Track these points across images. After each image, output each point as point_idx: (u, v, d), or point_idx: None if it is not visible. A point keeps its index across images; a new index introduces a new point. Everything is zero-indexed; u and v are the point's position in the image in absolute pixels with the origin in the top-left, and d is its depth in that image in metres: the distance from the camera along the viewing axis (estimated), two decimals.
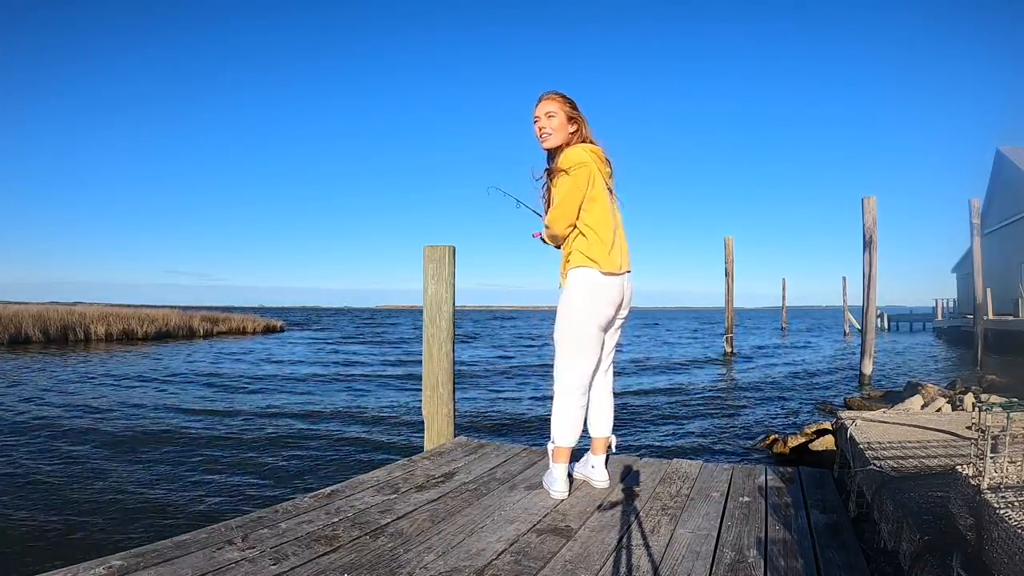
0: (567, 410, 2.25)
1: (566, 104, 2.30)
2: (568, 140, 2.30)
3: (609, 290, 2.20)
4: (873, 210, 9.69)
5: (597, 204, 2.20)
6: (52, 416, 7.25)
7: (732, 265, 15.71)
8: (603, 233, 2.20)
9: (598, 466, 2.40)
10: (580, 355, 2.23)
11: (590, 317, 2.20)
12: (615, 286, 2.22)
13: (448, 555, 1.69)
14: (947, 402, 5.78)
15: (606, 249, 2.19)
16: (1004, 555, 1.11)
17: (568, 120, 2.30)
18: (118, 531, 3.58)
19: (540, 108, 2.30)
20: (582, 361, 2.24)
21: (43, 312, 19.86)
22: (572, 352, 2.24)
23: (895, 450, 2.26)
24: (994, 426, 1.35)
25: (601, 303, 2.20)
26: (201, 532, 1.80)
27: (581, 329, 2.21)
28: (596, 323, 2.22)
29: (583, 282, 2.20)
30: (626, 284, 2.28)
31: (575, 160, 2.18)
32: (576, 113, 2.31)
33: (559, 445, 2.27)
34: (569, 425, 2.25)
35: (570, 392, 2.25)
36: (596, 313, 2.20)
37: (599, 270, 2.18)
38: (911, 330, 32.89)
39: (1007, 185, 22.21)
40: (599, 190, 2.21)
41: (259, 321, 29.58)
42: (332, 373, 12.75)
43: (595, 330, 2.23)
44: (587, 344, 2.23)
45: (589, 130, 2.34)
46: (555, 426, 2.28)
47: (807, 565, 1.63)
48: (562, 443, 2.26)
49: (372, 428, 6.82)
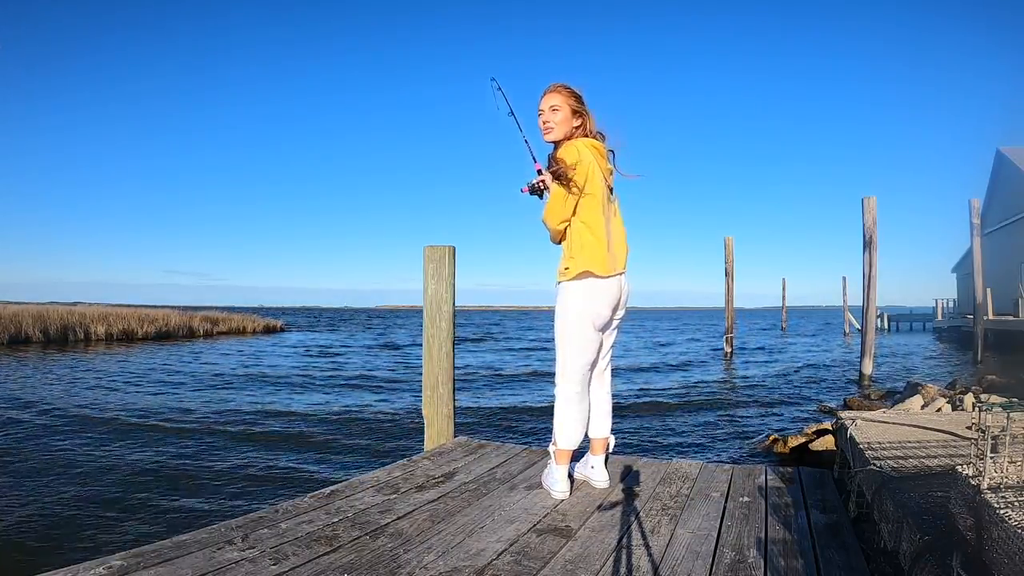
0: (568, 412, 2.25)
1: (571, 97, 2.25)
2: (571, 135, 2.25)
3: (606, 291, 2.20)
4: (873, 210, 9.70)
5: (594, 201, 2.18)
6: (52, 416, 7.25)
7: (732, 265, 15.70)
8: (598, 232, 2.18)
9: (598, 466, 2.40)
10: (579, 356, 2.23)
11: (588, 319, 2.20)
12: (612, 287, 2.21)
13: (448, 555, 1.69)
14: (947, 402, 5.78)
15: (603, 248, 2.18)
16: (1004, 555, 1.11)
17: (572, 114, 2.25)
18: (118, 531, 3.58)
19: (545, 101, 2.24)
20: (581, 362, 2.24)
21: (43, 312, 19.87)
22: (572, 354, 2.23)
23: (895, 450, 2.26)
24: (994, 426, 1.35)
25: (598, 304, 2.19)
26: (201, 532, 1.80)
27: (579, 331, 2.21)
28: (594, 324, 2.21)
29: (580, 284, 2.19)
30: (623, 284, 2.27)
31: (573, 157, 2.15)
32: (581, 107, 2.26)
33: (561, 447, 2.26)
34: (571, 427, 2.25)
35: (570, 394, 2.25)
36: (594, 314, 2.20)
37: (595, 273, 2.17)
38: (911, 330, 32.88)
39: (1007, 185, 22.21)
40: (596, 187, 2.18)
41: (259, 321, 29.58)
42: (332, 373, 12.75)
43: (593, 332, 2.22)
44: (586, 346, 2.22)
45: (595, 124, 2.30)
46: (557, 428, 2.27)
47: (807, 565, 1.63)
48: (564, 445, 2.26)
49: (372, 428, 6.82)
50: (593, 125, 2.30)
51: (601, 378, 2.42)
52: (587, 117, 2.28)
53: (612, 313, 2.27)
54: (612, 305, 2.24)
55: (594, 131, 2.30)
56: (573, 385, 2.25)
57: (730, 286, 15.78)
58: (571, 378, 2.24)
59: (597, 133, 2.31)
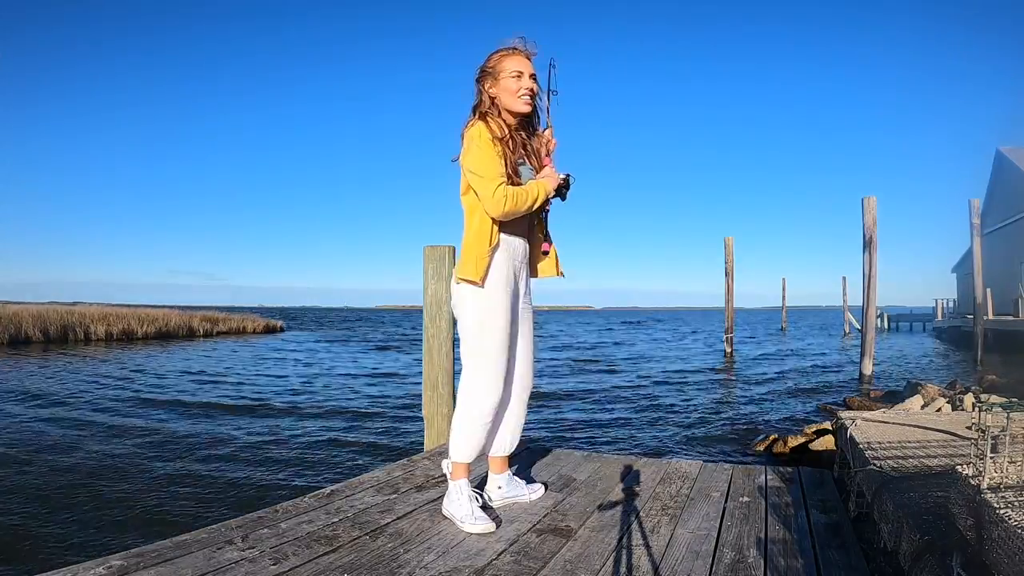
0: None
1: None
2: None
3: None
4: (873, 210, 9.70)
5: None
6: (51, 416, 7.25)
7: (732, 265, 15.71)
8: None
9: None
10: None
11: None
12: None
13: (448, 555, 1.69)
14: (947, 402, 5.78)
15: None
16: (1004, 555, 1.11)
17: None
18: (118, 531, 3.58)
19: (529, 65, 2.00)
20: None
21: (43, 312, 19.88)
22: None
23: (895, 450, 2.26)
24: (994, 426, 1.35)
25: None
26: (201, 532, 1.80)
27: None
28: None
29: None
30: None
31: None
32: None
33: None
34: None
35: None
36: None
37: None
38: (911, 330, 32.88)
39: (1007, 185, 22.21)
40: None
41: (259, 321, 29.59)
42: (331, 373, 12.75)
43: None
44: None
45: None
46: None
47: (807, 565, 1.63)
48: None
49: (372, 428, 6.82)
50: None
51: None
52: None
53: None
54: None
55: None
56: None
57: (730, 286, 15.78)
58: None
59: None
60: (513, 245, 2.01)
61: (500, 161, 1.89)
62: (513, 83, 1.95)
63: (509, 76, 1.95)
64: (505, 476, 2.17)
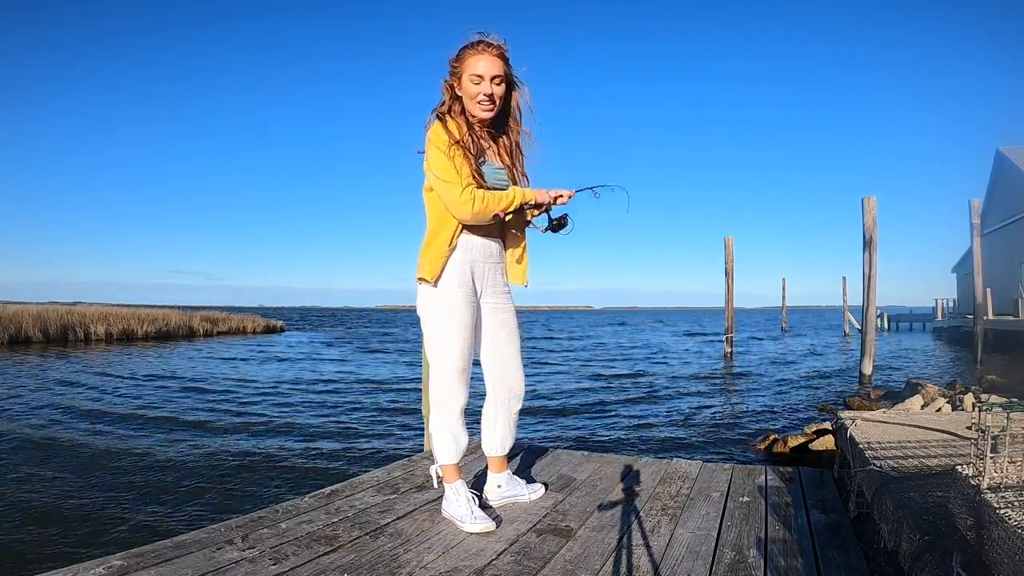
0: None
1: (508, 67, 1.91)
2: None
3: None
4: (873, 210, 9.69)
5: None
6: (50, 416, 7.25)
7: (732, 265, 15.70)
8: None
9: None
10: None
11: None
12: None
13: (448, 555, 1.69)
14: (947, 402, 5.78)
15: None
16: (1004, 555, 1.11)
17: (507, 88, 1.95)
18: (118, 531, 3.57)
19: (489, 67, 1.85)
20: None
21: (43, 312, 19.86)
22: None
23: (895, 450, 2.26)
24: (994, 426, 1.35)
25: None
26: (201, 532, 1.80)
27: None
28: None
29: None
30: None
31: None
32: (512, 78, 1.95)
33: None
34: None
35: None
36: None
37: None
38: (911, 330, 32.85)
39: (1007, 185, 22.20)
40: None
41: (259, 321, 29.55)
42: (332, 373, 12.75)
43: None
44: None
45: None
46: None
47: (807, 565, 1.63)
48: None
49: (372, 429, 6.82)
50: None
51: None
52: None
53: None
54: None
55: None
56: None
57: (730, 286, 15.77)
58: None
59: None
60: (472, 244, 1.96)
61: (464, 163, 1.83)
62: (472, 88, 1.86)
63: (469, 80, 1.86)
64: (504, 475, 2.17)
